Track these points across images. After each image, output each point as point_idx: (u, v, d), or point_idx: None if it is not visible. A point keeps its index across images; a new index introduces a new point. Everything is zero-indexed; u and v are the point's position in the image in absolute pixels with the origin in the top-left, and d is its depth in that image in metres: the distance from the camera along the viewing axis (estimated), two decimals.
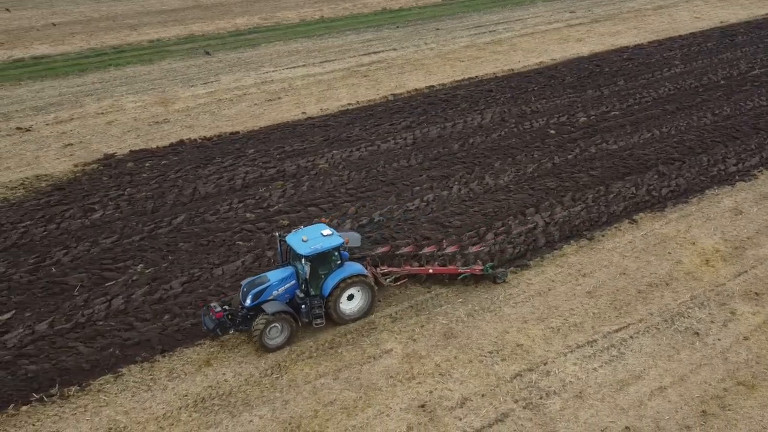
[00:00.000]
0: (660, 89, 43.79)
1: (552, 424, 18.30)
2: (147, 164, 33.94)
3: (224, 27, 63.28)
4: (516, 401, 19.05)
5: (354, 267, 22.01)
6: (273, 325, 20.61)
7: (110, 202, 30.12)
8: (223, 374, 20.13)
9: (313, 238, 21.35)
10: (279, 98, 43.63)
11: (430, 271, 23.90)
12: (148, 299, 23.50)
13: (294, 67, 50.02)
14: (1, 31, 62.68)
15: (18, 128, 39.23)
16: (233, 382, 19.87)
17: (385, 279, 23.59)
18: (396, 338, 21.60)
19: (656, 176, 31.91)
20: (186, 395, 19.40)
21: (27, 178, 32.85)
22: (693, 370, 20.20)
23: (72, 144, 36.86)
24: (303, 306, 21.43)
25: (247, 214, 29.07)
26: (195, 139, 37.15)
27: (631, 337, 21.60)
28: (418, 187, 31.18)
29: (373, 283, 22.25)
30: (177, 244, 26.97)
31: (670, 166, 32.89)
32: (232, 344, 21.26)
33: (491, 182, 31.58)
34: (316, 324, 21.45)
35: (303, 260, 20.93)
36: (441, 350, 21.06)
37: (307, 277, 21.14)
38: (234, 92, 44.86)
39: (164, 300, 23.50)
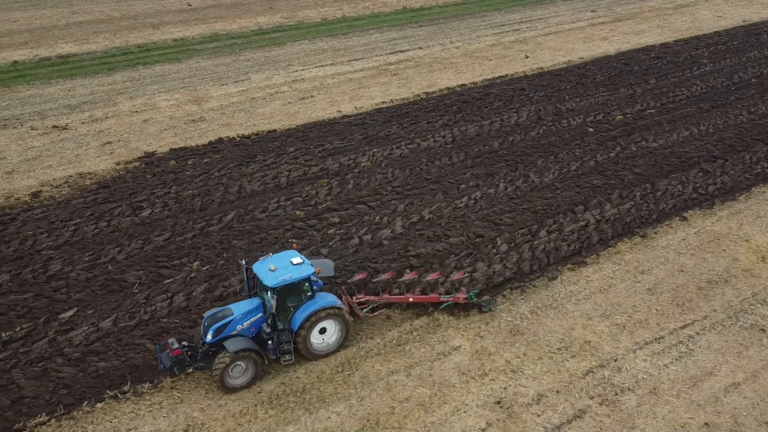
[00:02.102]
0: (692, 87, 43.77)
1: (630, 420, 18.28)
2: (189, 162, 33.92)
3: (247, 26, 63.24)
4: (591, 397, 19.04)
5: (327, 298, 20.34)
6: (236, 363, 18.93)
7: (157, 200, 30.09)
8: (295, 371, 20.11)
9: (282, 267, 19.59)
10: (312, 96, 43.60)
11: (410, 299, 22.27)
12: (208, 296, 23.48)
13: (323, 66, 50.00)
14: (24, 30, 62.63)
15: (54, 126, 39.20)
16: (305, 379, 19.85)
17: (362, 309, 21.98)
18: (462, 335, 21.58)
19: (701, 174, 31.88)
20: (260, 392, 19.39)
21: (71, 176, 32.82)
22: (764, 366, 20.18)
23: (111, 142, 36.84)
24: (270, 342, 19.76)
25: (297, 212, 29.05)
26: (233, 138, 37.12)
27: (698, 333, 21.58)
28: (464, 185, 31.16)
29: (347, 316, 20.60)
30: (230, 241, 26.95)
31: (713, 164, 32.86)
32: None
33: (536, 180, 31.56)
34: (284, 361, 19.82)
35: (269, 292, 19.36)
36: (509, 347, 21.05)
37: (274, 310, 19.44)
38: (266, 90, 44.82)
39: (225, 297, 23.46)
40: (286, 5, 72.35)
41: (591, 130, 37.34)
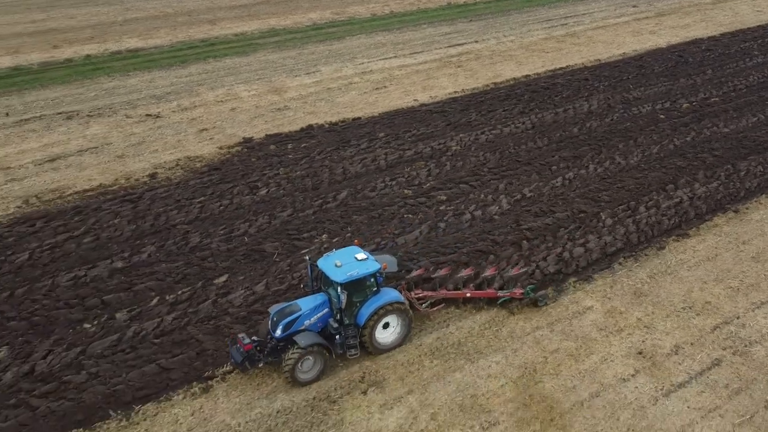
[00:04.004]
0: (749, 77, 45.60)
1: (764, 368, 20.12)
2: (289, 146, 35.86)
3: (300, 21, 65.23)
4: (724, 349, 20.91)
5: (391, 294, 20.71)
6: (306, 358, 19.30)
7: (270, 181, 32.01)
8: (447, 327, 22.02)
9: (348, 263, 19.90)
10: (385, 87, 45.52)
11: (468, 294, 22.69)
12: None
13: (387, 59, 51.95)
14: (84, 26, 64.70)
15: (147, 115, 41.18)
16: (458, 335, 21.74)
17: (421, 304, 22.36)
18: (591, 297, 23.48)
19: None
20: (420, 345, 21.28)
21: (180, 159, 34.77)
22: None
23: (206, 129, 38.79)
24: (337, 336, 20.05)
25: (405, 191, 30.94)
26: (322, 124, 39.06)
27: None
28: (555, 167, 33.04)
29: (410, 311, 21.09)
30: (350, 216, 28.85)
31: None
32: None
33: (622, 162, 33.42)
34: (350, 355, 20.12)
35: (339, 288, 19.49)
36: (637, 307, 22.93)
37: (343, 306, 19.65)
38: (339, 81, 46.77)
39: None
40: (332, 1, 74.27)
41: (662, 116, 39.19)
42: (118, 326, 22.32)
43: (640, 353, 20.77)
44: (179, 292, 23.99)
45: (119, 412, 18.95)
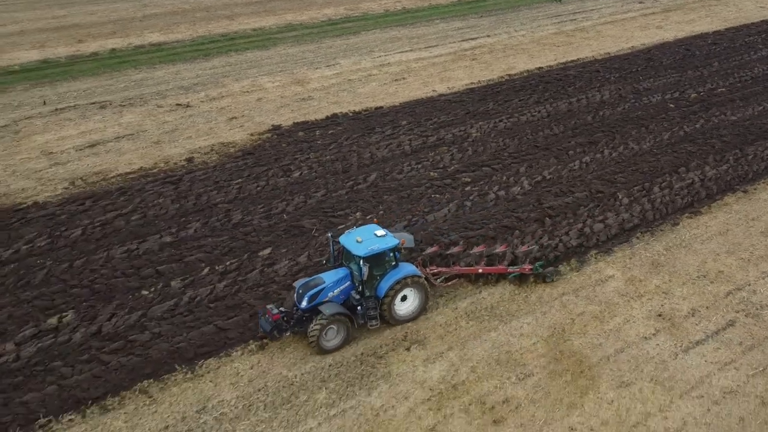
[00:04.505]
0: (754, 69, 47.34)
1: None
2: (317, 133, 37.58)
3: (316, 17, 66.95)
4: (737, 312, 22.64)
5: (408, 268, 22.05)
6: (330, 326, 20.65)
7: (302, 164, 33.73)
8: (480, 293, 23.75)
9: (368, 239, 21.30)
10: (404, 78, 47.25)
11: (480, 270, 24.05)
12: None
13: (403, 52, 53.67)
14: (106, 22, 66.42)
15: (178, 104, 42.90)
16: (490, 300, 23.48)
17: (437, 279, 23.80)
18: (612, 267, 25.21)
19: None
20: (456, 308, 23.01)
21: (214, 145, 36.49)
22: None
23: (236, 117, 40.50)
24: (359, 307, 21.45)
25: (431, 173, 32.67)
26: (346, 113, 40.78)
27: None
28: (571, 151, 34.76)
29: (426, 284, 22.44)
30: (381, 196, 30.57)
31: None
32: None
33: (635, 147, 35.15)
34: (370, 326, 21.42)
35: (361, 261, 20.89)
36: (655, 275, 24.67)
37: (365, 278, 21.04)
38: (359, 73, 48.48)
39: None
40: None
41: (672, 105, 40.92)
42: (173, 293, 24.05)
43: (659, 315, 22.50)
44: (227, 263, 25.71)
45: (184, 366, 20.68)
